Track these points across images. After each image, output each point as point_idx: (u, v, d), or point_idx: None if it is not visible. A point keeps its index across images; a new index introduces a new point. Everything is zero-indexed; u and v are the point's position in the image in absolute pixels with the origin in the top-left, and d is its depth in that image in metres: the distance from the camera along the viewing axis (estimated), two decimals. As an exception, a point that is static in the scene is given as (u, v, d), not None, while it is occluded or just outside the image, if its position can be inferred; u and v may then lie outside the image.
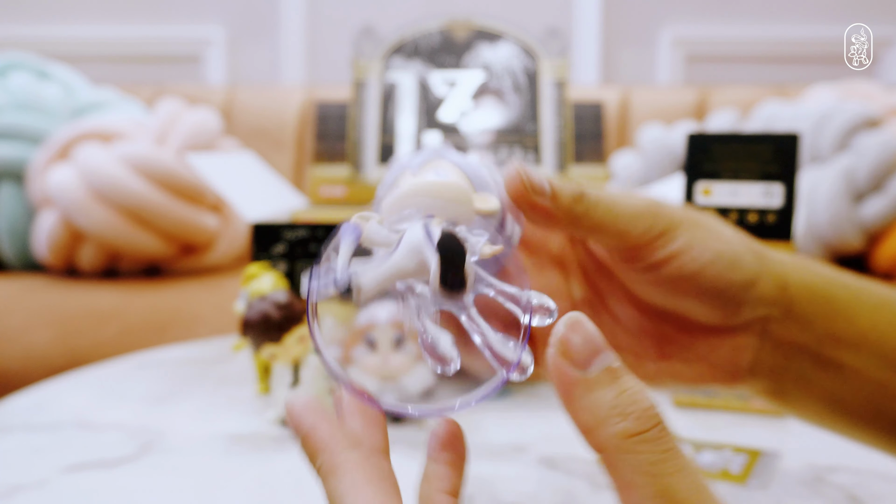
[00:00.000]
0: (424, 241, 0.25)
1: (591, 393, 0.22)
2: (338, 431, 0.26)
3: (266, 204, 0.97)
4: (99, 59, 2.26)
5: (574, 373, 0.22)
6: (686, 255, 0.32)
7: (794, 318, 0.34)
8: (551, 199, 0.30)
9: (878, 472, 0.58)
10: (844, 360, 0.35)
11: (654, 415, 0.22)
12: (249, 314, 0.65)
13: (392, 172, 0.30)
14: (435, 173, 0.29)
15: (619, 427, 0.22)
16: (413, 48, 1.09)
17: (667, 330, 0.36)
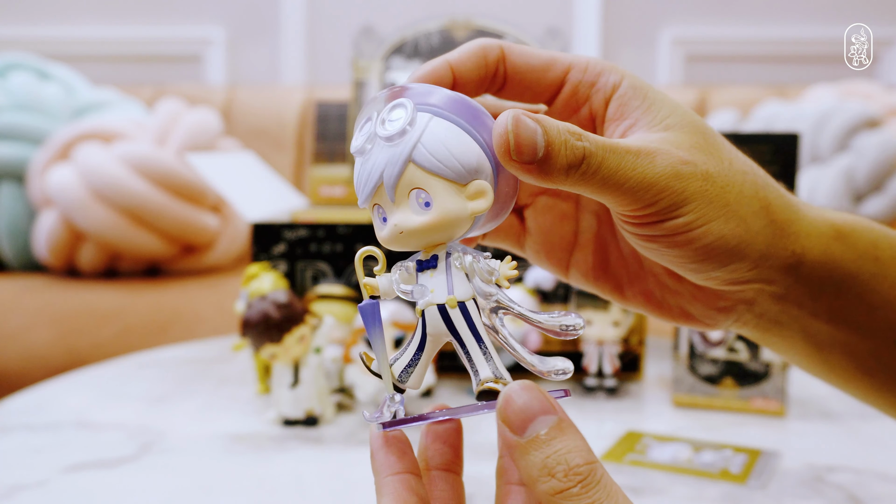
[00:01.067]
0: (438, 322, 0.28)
1: (526, 455, 0.24)
2: (388, 457, 0.28)
3: (266, 204, 0.97)
4: (99, 59, 2.26)
5: (511, 437, 0.25)
6: (685, 236, 0.30)
7: (801, 288, 0.33)
8: (543, 161, 0.27)
9: (878, 472, 0.58)
10: (847, 326, 0.34)
11: (578, 473, 0.24)
12: (249, 314, 0.65)
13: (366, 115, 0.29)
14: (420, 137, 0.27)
15: (546, 486, 0.24)
16: (413, 48, 1.09)
17: (655, 268, 0.35)
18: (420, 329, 0.29)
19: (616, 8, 2.26)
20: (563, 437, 0.24)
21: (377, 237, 0.29)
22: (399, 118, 0.27)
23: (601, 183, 0.28)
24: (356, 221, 0.84)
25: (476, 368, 0.28)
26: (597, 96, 0.32)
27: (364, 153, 0.28)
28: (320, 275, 0.84)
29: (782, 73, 2.18)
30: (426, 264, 0.29)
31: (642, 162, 0.28)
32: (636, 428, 0.66)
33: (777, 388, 0.70)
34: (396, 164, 0.27)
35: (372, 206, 0.29)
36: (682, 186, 0.29)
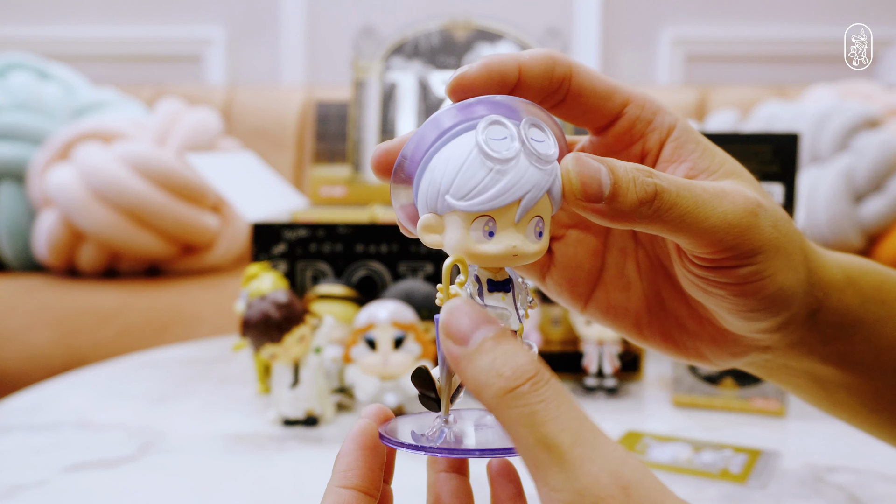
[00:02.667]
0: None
1: (472, 363, 0.24)
2: (352, 466, 0.29)
3: (266, 204, 0.97)
4: (99, 59, 2.26)
5: (456, 349, 0.24)
6: (753, 285, 0.29)
7: (814, 334, 0.33)
8: (611, 200, 0.26)
9: (878, 472, 0.58)
10: (853, 369, 0.34)
11: (526, 370, 0.23)
12: (249, 314, 0.65)
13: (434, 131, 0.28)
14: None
15: (495, 387, 0.23)
16: (413, 48, 1.09)
17: (679, 310, 0.35)
18: None
19: (616, 8, 2.26)
20: (508, 341, 0.24)
21: (465, 248, 0.27)
22: (544, 141, 0.27)
23: (677, 221, 0.27)
24: (356, 221, 0.84)
25: None
26: (652, 136, 0.31)
27: (506, 163, 0.26)
28: (320, 275, 0.84)
29: (782, 73, 2.18)
30: (500, 287, 0.28)
31: (722, 202, 0.28)
32: (636, 428, 0.66)
33: (777, 388, 0.70)
34: (542, 188, 0.26)
35: (478, 215, 0.27)
36: (759, 232, 0.29)
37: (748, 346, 0.33)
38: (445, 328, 0.24)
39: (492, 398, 0.23)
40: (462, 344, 0.24)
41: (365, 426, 0.29)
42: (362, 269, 0.84)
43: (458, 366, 0.24)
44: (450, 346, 0.24)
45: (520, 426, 0.22)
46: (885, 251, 1.41)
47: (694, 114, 1.83)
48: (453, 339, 0.24)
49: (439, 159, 0.27)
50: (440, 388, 0.28)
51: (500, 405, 0.23)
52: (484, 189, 0.26)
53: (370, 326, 0.67)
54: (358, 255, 0.84)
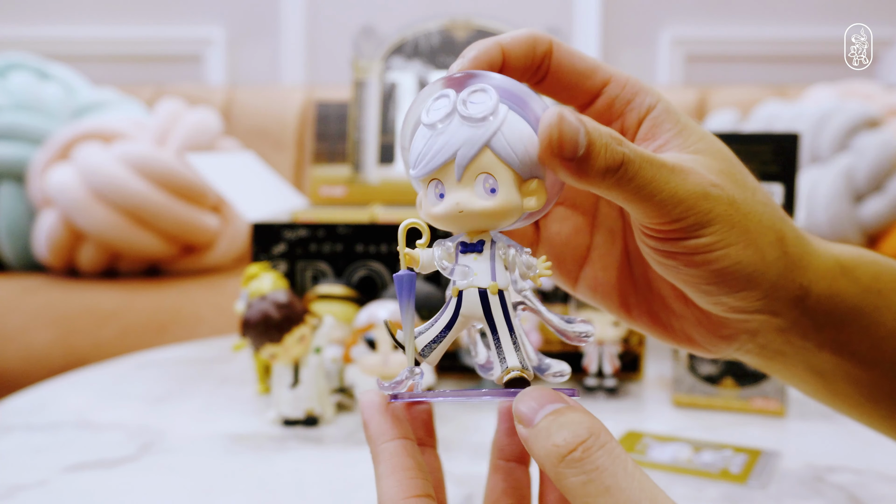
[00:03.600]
0: (476, 305, 0.29)
1: (537, 439, 0.25)
2: (385, 424, 0.29)
3: (266, 204, 0.97)
4: (99, 59, 2.26)
5: (524, 431, 0.25)
6: (703, 256, 0.30)
7: (806, 320, 0.33)
8: (582, 160, 0.27)
9: (878, 472, 0.58)
10: (851, 357, 0.34)
11: (577, 436, 0.24)
12: (249, 314, 0.65)
13: (426, 101, 0.30)
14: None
15: (552, 457, 0.24)
16: (413, 48, 1.09)
17: (664, 290, 0.35)
18: (453, 308, 0.29)
19: (616, 8, 2.26)
20: (570, 412, 0.25)
21: (425, 212, 0.30)
22: (482, 102, 0.28)
23: (634, 191, 0.28)
24: (356, 221, 0.84)
25: (504, 356, 0.29)
26: (630, 114, 0.32)
27: (436, 128, 0.28)
28: (320, 275, 0.84)
29: (782, 73, 2.18)
30: (471, 248, 0.30)
31: (675, 177, 0.29)
32: (636, 428, 0.66)
33: (777, 388, 0.70)
34: (475, 145, 0.28)
35: (429, 180, 0.29)
36: (708, 207, 0.29)
37: (735, 329, 0.34)
38: (515, 414, 0.26)
39: (551, 470, 0.24)
40: (529, 426, 0.25)
41: (374, 396, 0.30)
42: (362, 269, 0.84)
43: (527, 445, 0.25)
44: (519, 430, 0.26)
45: (571, 496, 0.23)
46: (885, 251, 1.42)
47: (694, 114, 1.83)
48: (522, 423, 0.26)
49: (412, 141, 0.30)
50: (402, 341, 0.30)
51: (558, 474, 0.24)
52: (425, 153, 0.29)
53: (370, 326, 0.67)
54: (358, 255, 0.84)
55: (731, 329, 0.34)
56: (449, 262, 0.30)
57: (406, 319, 0.30)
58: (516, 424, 0.26)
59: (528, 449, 0.25)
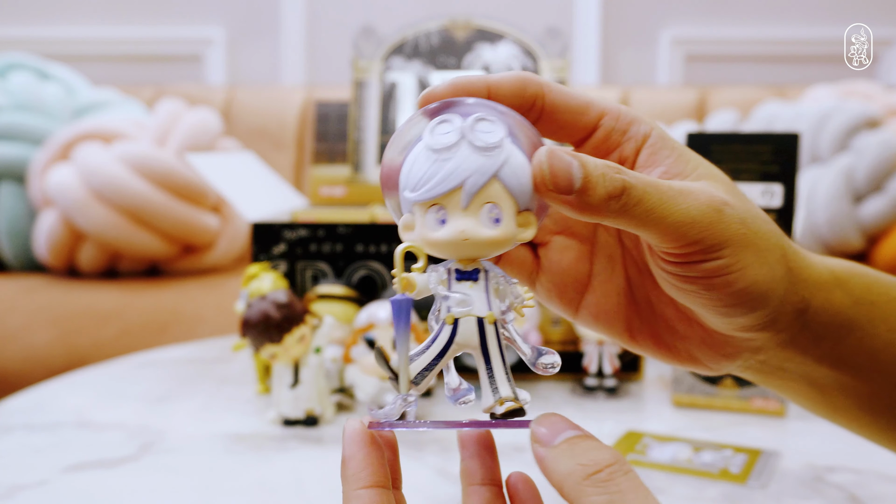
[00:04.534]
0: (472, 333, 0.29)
1: (555, 460, 0.26)
2: (364, 466, 0.29)
3: (266, 204, 0.97)
4: (99, 59, 2.26)
5: (542, 450, 0.26)
6: (723, 278, 0.30)
7: (805, 334, 0.33)
8: (581, 193, 0.28)
9: (878, 472, 0.58)
10: (849, 370, 0.34)
11: (604, 458, 0.25)
12: (249, 314, 0.65)
13: (413, 126, 0.30)
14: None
15: (577, 474, 0.25)
16: (413, 48, 1.09)
17: (667, 313, 0.35)
18: (447, 336, 0.29)
19: (616, 8, 2.26)
20: (591, 439, 0.26)
21: (422, 237, 0.29)
22: (491, 132, 0.29)
23: (643, 216, 0.28)
24: (356, 221, 0.84)
25: (496, 386, 0.29)
26: (628, 144, 0.32)
27: (442, 153, 0.28)
28: (320, 275, 0.84)
29: (782, 73, 2.18)
30: (466, 275, 0.30)
31: (685, 199, 0.29)
32: (636, 428, 0.66)
33: (777, 388, 0.70)
34: (485, 174, 0.28)
35: (430, 205, 0.29)
36: (723, 227, 0.29)
37: (739, 347, 0.34)
38: (533, 434, 0.27)
39: (573, 487, 0.25)
40: (548, 444, 0.26)
41: (358, 426, 0.29)
42: (362, 269, 0.84)
43: (544, 464, 0.26)
44: (536, 449, 0.27)
45: None
46: (885, 251, 1.41)
47: (694, 114, 1.83)
48: (539, 443, 0.27)
49: (406, 161, 0.30)
50: (396, 368, 0.29)
51: (581, 493, 0.24)
52: (429, 178, 0.28)
53: (370, 326, 0.67)
54: (358, 255, 0.84)
55: (735, 347, 0.34)
56: (443, 287, 0.30)
57: (402, 346, 0.29)
58: (533, 445, 0.27)
59: (544, 467, 0.26)
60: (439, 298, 0.30)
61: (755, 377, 0.36)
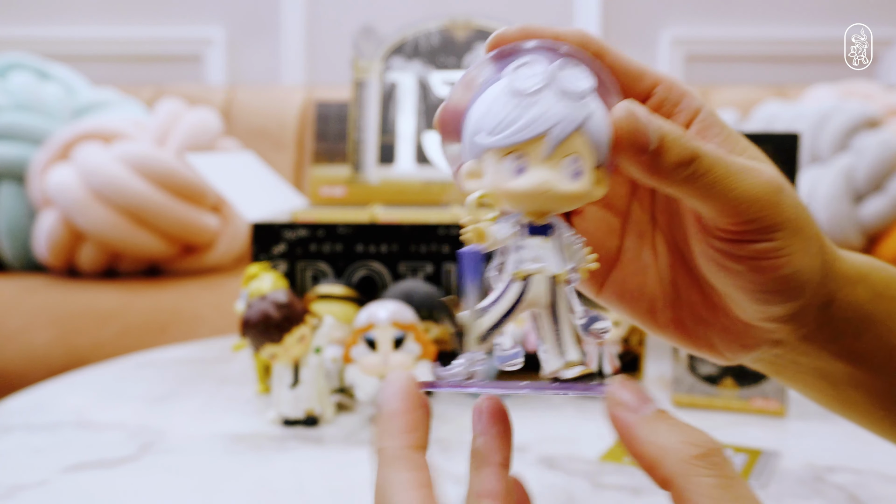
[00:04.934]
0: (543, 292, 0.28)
1: (653, 428, 0.24)
2: (415, 424, 0.26)
3: (266, 204, 0.97)
4: (99, 59, 2.26)
5: (632, 416, 0.25)
6: (771, 261, 0.30)
7: (826, 329, 0.33)
8: (655, 154, 0.27)
9: (878, 472, 0.58)
10: (866, 366, 0.34)
11: (714, 442, 0.24)
12: (249, 314, 0.65)
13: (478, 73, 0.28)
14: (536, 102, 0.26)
15: (684, 452, 0.23)
16: (413, 48, 1.09)
17: (692, 297, 0.35)
18: (516, 293, 0.27)
19: (616, 8, 2.26)
20: (676, 418, 0.25)
21: (495, 185, 0.27)
22: (580, 79, 0.27)
23: (707, 188, 0.28)
24: (356, 221, 0.84)
25: (564, 349, 0.28)
26: (679, 116, 0.32)
27: (526, 97, 0.27)
28: (320, 275, 0.84)
29: (782, 73, 2.18)
30: (539, 230, 0.28)
31: (749, 175, 0.28)
32: (636, 428, 0.66)
33: (777, 388, 0.70)
34: (572, 123, 0.26)
35: (507, 152, 0.27)
36: (781, 209, 0.29)
37: (759, 339, 0.33)
38: (615, 399, 0.25)
39: (677, 463, 0.23)
40: (636, 412, 0.25)
41: (411, 381, 0.27)
42: (362, 269, 0.84)
43: (633, 431, 0.25)
44: (623, 415, 0.25)
45: (706, 497, 0.23)
46: (885, 251, 1.41)
47: (694, 114, 1.83)
48: (625, 407, 0.25)
49: (477, 104, 0.28)
50: (465, 323, 0.27)
51: (687, 471, 0.23)
52: (511, 122, 0.27)
53: (370, 326, 0.67)
54: (358, 255, 0.84)
55: (756, 338, 0.33)
56: (517, 242, 0.28)
57: (472, 302, 0.27)
58: (614, 409, 0.25)
59: (634, 435, 0.25)
60: (509, 252, 0.28)
61: (767, 369, 0.36)
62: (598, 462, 0.59)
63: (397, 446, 0.26)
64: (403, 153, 1.07)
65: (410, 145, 1.08)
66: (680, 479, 0.23)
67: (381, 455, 0.26)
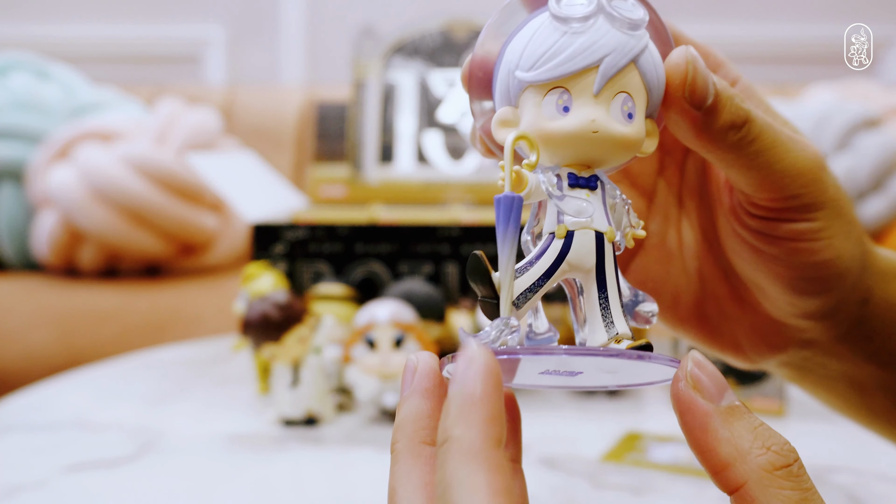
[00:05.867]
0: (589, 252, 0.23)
1: (730, 424, 0.22)
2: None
3: (266, 204, 0.97)
4: (99, 59, 2.26)
5: (708, 405, 0.22)
6: (809, 244, 0.27)
7: (861, 328, 0.31)
8: (709, 111, 0.24)
9: (879, 472, 0.58)
10: (894, 371, 0.32)
11: (793, 450, 0.22)
12: (249, 314, 0.65)
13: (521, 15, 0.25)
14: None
15: (763, 459, 0.21)
16: (413, 48, 1.09)
17: (719, 290, 0.32)
18: (557, 252, 0.23)
19: (616, 8, 2.27)
20: (753, 414, 0.22)
21: (537, 126, 0.24)
22: (633, 7, 0.24)
23: (753, 156, 0.25)
24: (356, 221, 0.84)
25: (612, 320, 0.24)
26: None
27: (573, 24, 0.23)
28: (320, 275, 0.84)
29: (782, 73, 2.18)
30: (584, 181, 0.24)
31: (795, 147, 0.26)
32: (636, 428, 0.66)
33: (777, 388, 0.70)
34: (626, 54, 0.23)
35: (550, 87, 0.23)
36: (823, 187, 0.27)
37: (790, 339, 0.31)
38: (694, 379, 0.22)
39: (755, 470, 0.21)
40: (713, 401, 0.22)
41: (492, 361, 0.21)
42: (362, 269, 0.84)
43: (709, 422, 0.22)
44: (696, 399, 0.22)
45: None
46: (885, 251, 1.41)
47: (694, 114, 1.83)
48: (703, 394, 0.22)
49: (516, 41, 0.24)
50: (499, 285, 0.23)
51: (764, 481, 0.21)
52: (556, 53, 0.23)
53: (370, 326, 0.67)
54: (358, 255, 0.84)
55: (786, 338, 0.31)
56: (559, 191, 0.24)
57: (506, 256, 0.23)
58: (688, 393, 0.22)
59: (711, 429, 0.22)
60: (550, 204, 0.24)
61: (792, 374, 0.34)
62: (598, 462, 0.59)
63: (481, 437, 0.20)
64: (403, 153, 1.07)
65: (410, 145, 1.08)
66: (756, 487, 0.21)
67: (455, 444, 0.20)
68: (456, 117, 1.09)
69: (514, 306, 0.23)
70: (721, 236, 0.31)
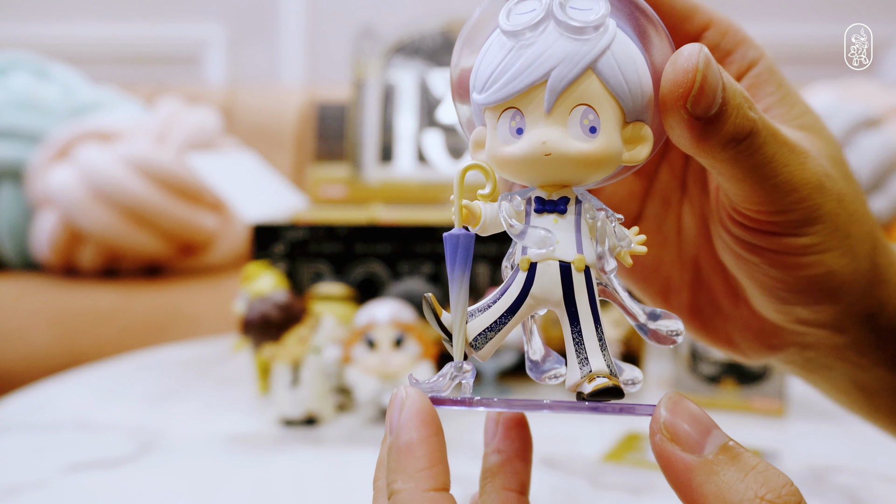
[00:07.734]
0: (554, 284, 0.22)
1: (716, 476, 0.20)
2: (436, 459, 0.22)
3: (266, 204, 0.97)
4: (99, 59, 2.26)
5: (689, 458, 0.20)
6: (797, 259, 0.25)
7: (870, 338, 0.29)
8: (711, 121, 0.21)
9: (878, 472, 0.58)
10: None
11: (794, 492, 0.20)
12: (249, 314, 0.65)
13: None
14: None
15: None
16: (413, 48, 1.09)
17: (714, 282, 0.31)
18: (520, 286, 0.22)
19: (616, 8, 2.26)
20: (746, 450, 0.20)
21: (491, 153, 0.22)
22: (588, 9, 0.21)
23: (751, 169, 0.23)
24: (356, 221, 0.84)
25: (586, 355, 0.22)
26: (730, 68, 0.27)
27: (521, 38, 0.21)
28: (320, 275, 0.84)
29: (782, 73, 2.18)
30: (550, 206, 0.22)
31: (794, 160, 0.24)
32: (636, 428, 0.66)
33: (777, 388, 0.70)
34: (577, 64, 0.21)
35: (503, 109, 0.22)
36: (820, 202, 0.25)
37: (787, 340, 0.29)
38: (670, 430, 0.20)
39: None
40: (694, 452, 0.20)
41: (424, 401, 0.21)
42: (362, 269, 0.84)
43: (689, 478, 0.20)
44: (675, 453, 0.20)
45: None
46: (885, 251, 1.41)
47: (694, 114, 1.83)
48: (682, 445, 0.20)
49: (478, 57, 0.22)
50: (450, 326, 0.22)
51: None
52: (503, 72, 0.21)
53: (370, 326, 0.67)
54: (358, 255, 0.83)
55: (783, 339, 0.30)
56: (519, 221, 0.22)
57: (458, 297, 0.22)
58: (665, 446, 0.20)
59: (695, 485, 0.20)
60: (514, 235, 0.22)
61: (796, 372, 0.32)
62: (598, 462, 0.59)
63: (415, 488, 0.20)
64: (403, 153, 1.07)
65: (410, 145, 1.07)
66: None
67: (395, 499, 0.20)
68: (455, 118, 1.09)
69: (472, 347, 0.22)
70: (712, 228, 0.29)
